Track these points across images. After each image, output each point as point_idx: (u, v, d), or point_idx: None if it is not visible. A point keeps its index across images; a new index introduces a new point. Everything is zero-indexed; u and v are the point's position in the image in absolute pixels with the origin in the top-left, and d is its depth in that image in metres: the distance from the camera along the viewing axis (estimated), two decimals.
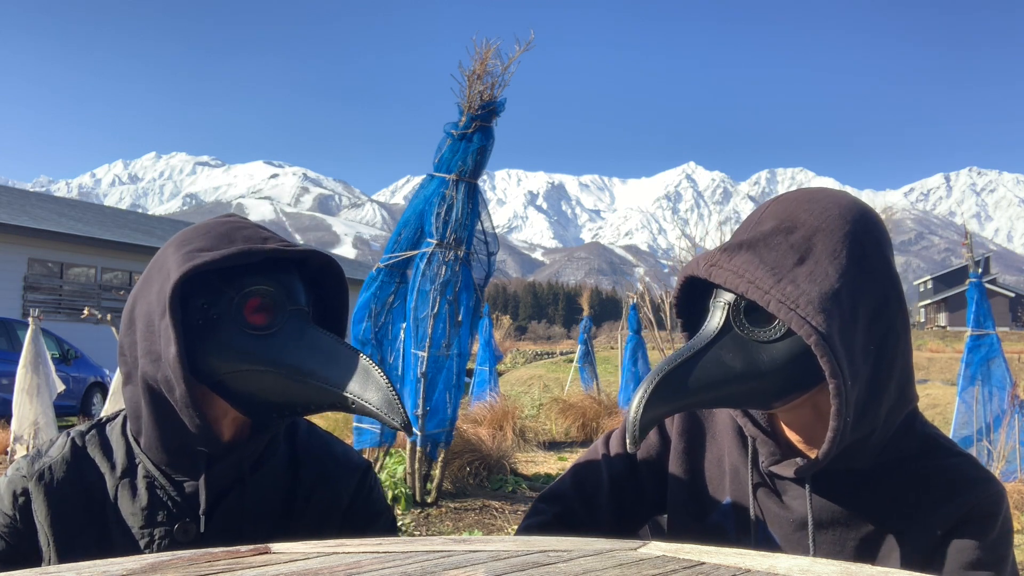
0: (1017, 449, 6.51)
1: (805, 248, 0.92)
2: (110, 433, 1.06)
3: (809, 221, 0.94)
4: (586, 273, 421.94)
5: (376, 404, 0.92)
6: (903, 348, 0.94)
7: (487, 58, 5.04)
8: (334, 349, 0.97)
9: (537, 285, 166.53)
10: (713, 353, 0.92)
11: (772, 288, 0.88)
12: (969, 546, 0.92)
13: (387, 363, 5.53)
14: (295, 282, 1.01)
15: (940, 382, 18.17)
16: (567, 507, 1.14)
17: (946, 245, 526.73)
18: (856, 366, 0.88)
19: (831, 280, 0.89)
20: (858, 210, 0.96)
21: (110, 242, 15.59)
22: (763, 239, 0.94)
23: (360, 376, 0.94)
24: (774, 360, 0.90)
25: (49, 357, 6.59)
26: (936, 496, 0.95)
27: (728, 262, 0.92)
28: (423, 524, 4.74)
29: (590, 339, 15.14)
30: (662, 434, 1.14)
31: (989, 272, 70.18)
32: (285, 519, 1.05)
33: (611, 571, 0.63)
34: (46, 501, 1.00)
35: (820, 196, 0.98)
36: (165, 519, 1.00)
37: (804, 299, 0.87)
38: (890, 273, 0.95)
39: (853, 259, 0.91)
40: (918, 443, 0.99)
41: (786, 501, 1.01)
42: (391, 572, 0.61)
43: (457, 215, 5.13)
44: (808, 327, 0.85)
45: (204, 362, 0.96)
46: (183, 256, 0.96)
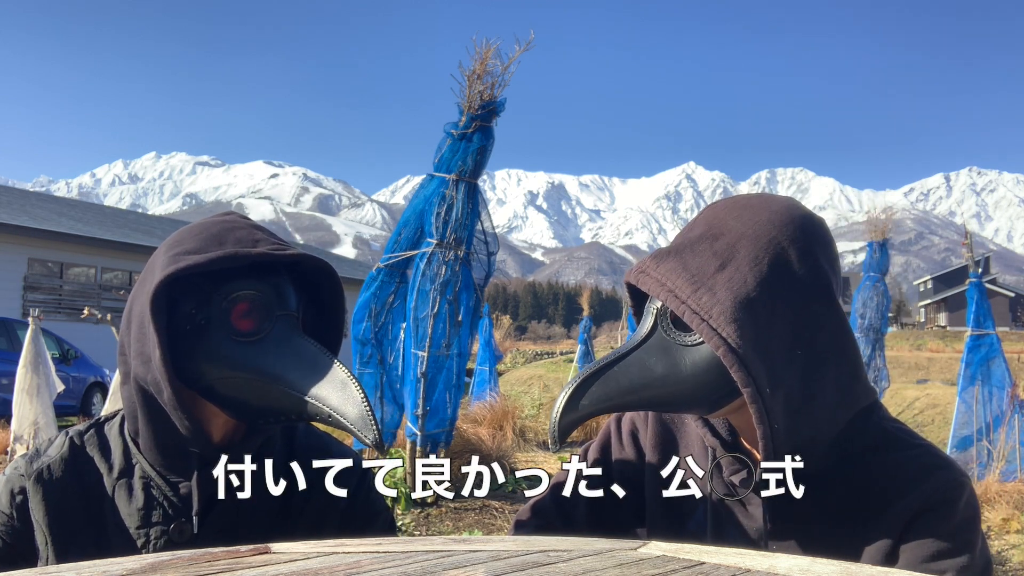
0: (1017, 449, 6.52)
1: (728, 255, 0.92)
2: (108, 433, 1.06)
3: (736, 227, 0.95)
4: (586, 273, 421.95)
5: (351, 419, 0.92)
6: (840, 350, 0.94)
7: (487, 58, 5.04)
8: (316, 359, 0.96)
9: (537, 285, 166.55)
10: (636, 356, 0.94)
11: (689, 298, 0.90)
12: (929, 536, 0.91)
13: (387, 363, 5.54)
14: (286, 286, 0.99)
15: (940, 382, 18.18)
16: (547, 521, 1.14)
17: (946, 245, 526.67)
18: (777, 373, 0.88)
19: (749, 287, 0.89)
20: (789, 216, 0.96)
21: (110, 242, 15.59)
22: (690, 246, 0.95)
23: (337, 389, 0.94)
24: (696, 365, 0.92)
25: (49, 357, 6.59)
26: (894, 489, 0.94)
27: (655, 269, 0.94)
28: (423, 524, 4.74)
29: (590, 339, 15.15)
30: (636, 446, 1.15)
31: (989, 272, 70.18)
32: (282, 519, 1.05)
33: (611, 571, 0.63)
34: (44, 501, 1.00)
35: (754, 203, 0.98)
36: (161, 519, 1.00)
37: (717, 309, 0.88)
38: (821, 278, 0.94)
39: (776, 265, 0.91)
40: (875, 439, 0.99)
41: (750, 510, 1.01)
42: (391, 572, 0.61)
43: (457, 215, 5.13)
44: (717, 338, 0.87)
45: (192, 366, 0.96)
46: (169, 258, 0.96)
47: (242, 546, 0.71)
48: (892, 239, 9.70)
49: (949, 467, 0.96)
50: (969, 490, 0.95)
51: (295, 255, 0.99)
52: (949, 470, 0.95)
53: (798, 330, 0.91)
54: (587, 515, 1.13)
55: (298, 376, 0.94)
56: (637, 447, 1.15)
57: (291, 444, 1.10)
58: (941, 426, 10.20)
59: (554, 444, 0.92)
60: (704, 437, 1.04)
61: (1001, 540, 4.97)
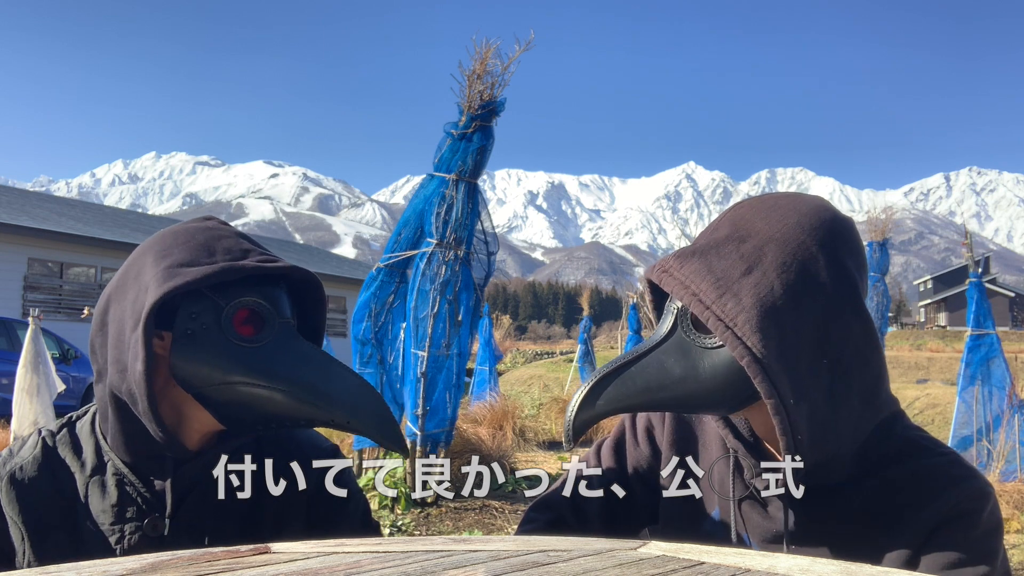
0: (1017, 449, 6.51)
1: (755, 258, 0.90)
2: (80, 431, 1.07)
3: (764, 230, 0.92)
4: (586, 273, 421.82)
5: (371, 425, 0.93)
6: (865, 359, 0.92)
7: (487, 58, 5.04)
8: (327, 365, 0.97)
9: (537, 285, 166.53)
10: (655, 357, 0.92)
11: (713, 303, 0.87)
12: (951, 546, 0.90)
13: (387, 363, 5.54)
14: (281, 295, 1.01)
15: (940, 382, 18.17)
16: (558, 516, 1.14)
17: (946, 245, 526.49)
18: (801, 383, 0.86)
19: (776, 295, 0.87)
20: (819, 218, 0.93)
21: (110, 242, 15.58)
22: (715, 247, 0.92)
23: (356, 394, 0.95)
24: (715, 367, 0.90)
25: (49, 357, 6.59)
26: (916, 499, 0.93)
27: (679, 270, 0.92)
28: (423, 524, 4.75)
29: (590, 339, 15.14)
30: (652, 443, 1.14)
31: (989, 272, 70.19)
32: (252, 507, 1.04)
33: (611, 571, 0.63)
34: (17, 501, 1.01)
35: (782, 203, 0.95)
36: (135, 515, 1.01)
37: (743, 316, 0.85)
38: (848, 285, 0.91)
39: (804, 272, 0.89)
40: (898, 448, 0.97)
41: (770, 512, 1.00)
42: (391, 572, 0.61)
43: (457, 215, 5.13)
44: (742, 348, 0.85)
45: (190, 373, 0.96)
46: (163, 272, 0.96)
47: (242, 546, 0.71)
48: (892, 239, 9.70)
49: (974, 477, 0.95)
50: (993, 500, 0.94)
51: (285, 267, 1.01)
52: (974, 480, 0.94)
53: (824, 338, 0.89)
54: (600, 511, 1.12)
55: (313, 380, 0.95)
56: (652, 445, 1.14)
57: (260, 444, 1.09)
58: (941, 426, 10.20)
59: (568, 443, 0.91)
60: (726, 438, 1.03)
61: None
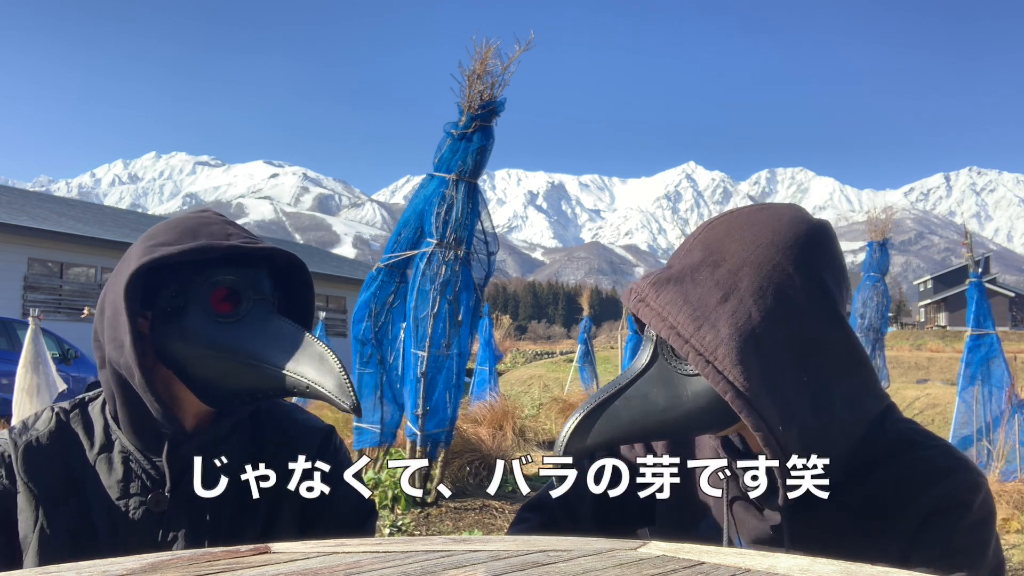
0: (1017, 448, 6.52)
1: (730, 285, 0.89)
2: (91, 411, 1.13)
3: (738, 253, 0.91)
4: (586, 273, 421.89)
5: (329, 388, 0.97)
6: (848, 370, 0.92)
7: (487, 58, 5.04)
8: (293, 336, 1.02)
9: (537, 285, 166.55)
10: (638, 388, 0.92)
11: (692, 336, 0.86)
12: (943, 535, 0.90)
13: (387, 363, 5.54)
14: (262, 275, 1.06)
15: (940, 382, 18.17)
16: (551, 517, 1.14)
17: (946, 245, 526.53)
18: (787, 407, 0.86)
19: (753, 322, 0.86)
20: (793, 234, 0.92)
21: (110, 242, 15.58)
22: (690, 273, 0.92)
23: (315, 362, 0.99)
24: (697, 395, 0.90)
25: (49, 357, 6.59)
26: (910, 491, 0.94)
27: (655, 299, 0.91)
28: (423, 524, 4.75)
29: (590, 339, 15.16)
30: (648, 444, 1.14)
31: (989, 272, 70.19)
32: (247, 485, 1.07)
33: (611, 571, 0.63)
34: (33, 469, 1.05)
35: (754, 221, 0.94)
36: (139, 490, 1.07)
37: (722, 349, 0.85)
38: (827, 300, 0.91)
39: (780, 294, 0.88)
40: (890, 442, 0.98)
41: (765, 514, 1.00)
42: (391, 572, 0.61)
43: (457, 215, 5.13)
44: (724, 382, 0.84)
45: (170, 347, 1.03)
46: (144, 249, 1.02)
47: (242, 546, 0.71)
48: (892, 239, 9.71)
49: (966, 468, 0.95)
50: (985, 490, 0.94)
51: (268, 248, 1.06)
52: (966, 471, 0.94)
53: (804, 356, 0.88)
54: (592, 512, 1.12)
55: (276, 352, 1.00)
56: (648, 446, 1.14)
57: (257, 414, 1.15)
58: (941, 426, 10.20)
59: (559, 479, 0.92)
60: (718, 449, 1.03)
61: (1001, 540, 4.97)
